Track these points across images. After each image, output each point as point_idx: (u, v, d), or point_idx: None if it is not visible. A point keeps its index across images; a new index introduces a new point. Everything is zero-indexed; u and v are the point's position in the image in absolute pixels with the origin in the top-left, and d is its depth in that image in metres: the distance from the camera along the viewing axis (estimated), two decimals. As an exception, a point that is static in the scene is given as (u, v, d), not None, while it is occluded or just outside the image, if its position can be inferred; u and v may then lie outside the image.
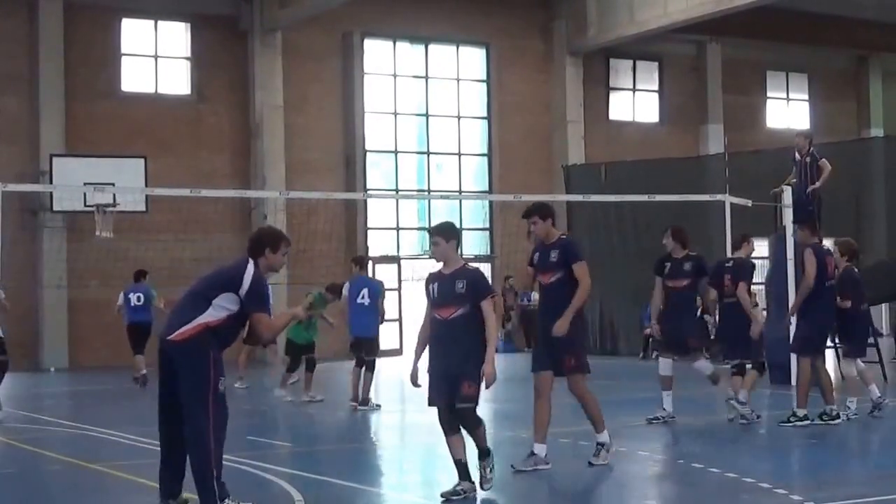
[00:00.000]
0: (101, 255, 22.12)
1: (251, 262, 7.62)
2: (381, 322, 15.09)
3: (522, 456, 9.30)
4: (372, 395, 14.80)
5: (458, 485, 8.11)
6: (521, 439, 11.69)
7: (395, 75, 28.11)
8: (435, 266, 8.45)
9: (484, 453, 8.24)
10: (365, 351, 14.61)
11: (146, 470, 9.87)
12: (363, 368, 14.54)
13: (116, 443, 11.76)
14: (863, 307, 13.00)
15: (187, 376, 7.44)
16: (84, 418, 13.91)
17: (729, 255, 15.20)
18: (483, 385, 8.07)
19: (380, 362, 15.31)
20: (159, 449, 7.70)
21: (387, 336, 22.80)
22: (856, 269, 13.07)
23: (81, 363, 23.51)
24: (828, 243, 19.03)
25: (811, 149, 16.99)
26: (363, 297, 14.60)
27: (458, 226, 10.54)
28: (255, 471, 9.60)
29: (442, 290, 8.20)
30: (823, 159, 16.79)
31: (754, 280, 23.27)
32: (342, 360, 17.03)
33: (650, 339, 24.08)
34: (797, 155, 17.16)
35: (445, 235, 8.33)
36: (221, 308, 7.48)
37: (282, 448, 11.39)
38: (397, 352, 25.61)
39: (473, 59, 29.16)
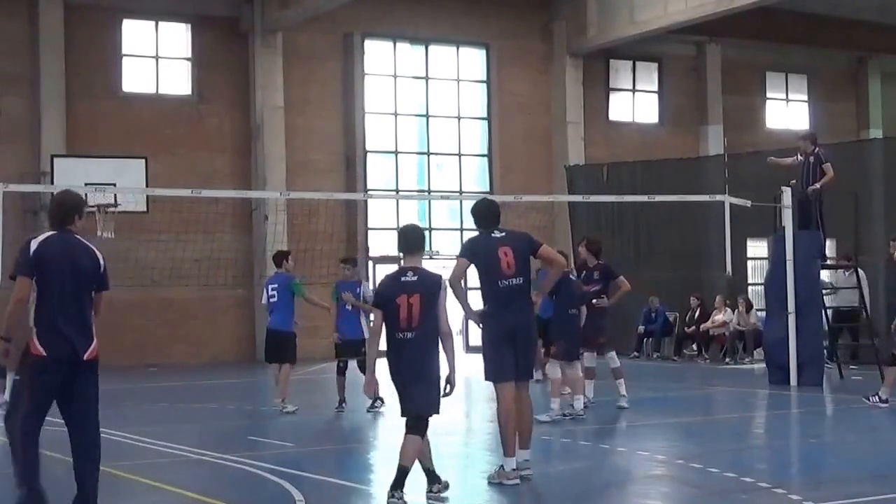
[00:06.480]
0: (102, 255, 22.11)
1: (86, 241, 7.48)
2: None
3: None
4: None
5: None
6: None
7: (395, 76, 28.13)
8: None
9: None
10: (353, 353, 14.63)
11: (148, 470, 9.92)
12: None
13: (118, 443, 11.78)
14: (571, 311, 12.83)
15: (94, 395, 7.35)
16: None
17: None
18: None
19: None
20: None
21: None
22: (572, 274, 13.31)
23: (82, 363, 23.53)
24: (829, 244, 19.21)
25: (816, 149, 16.99)
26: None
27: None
28: (256, 471, 9.63)
29: None
30: (828, 164, 16.77)
31: (753, 280, 23.54)
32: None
33: (642, 338, 24.19)
34: (799, 156, 17.19)
35: None
36: None
37: (282, 448, 11.41)
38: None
39: (473, 60, 29.19)
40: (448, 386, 8.12)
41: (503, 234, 9.07)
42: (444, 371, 8.15)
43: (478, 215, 9.37)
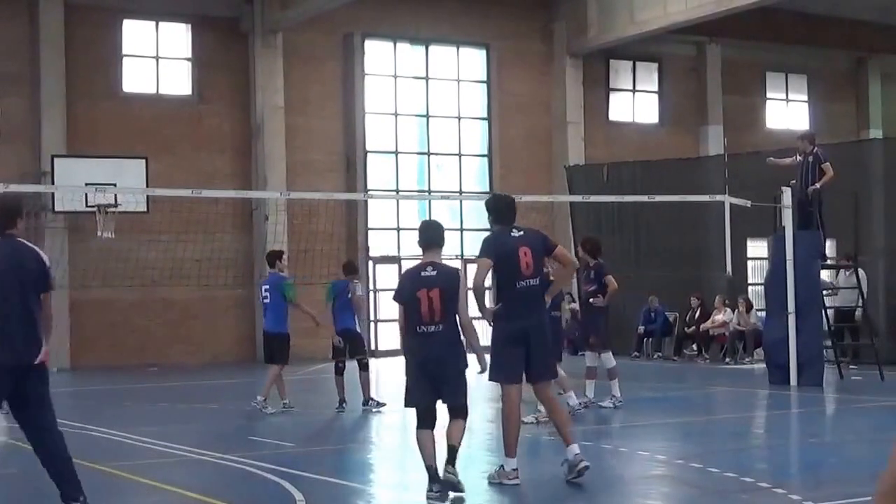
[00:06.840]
0: (103, 255, 22.16)
1: (34, 245, 7.41)
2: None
3: (527, 456, 9.32)
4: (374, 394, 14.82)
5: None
6: (523, 440, 11.73)
7: (395, 76, 28.13)
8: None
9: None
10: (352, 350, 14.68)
11: (149, 470, 9.93)
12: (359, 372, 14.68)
13: (119, 443, 11.80)
14: (552, 314, 12.08)
15: (46, 398, 7.30)
16: (86, 418, 13.91)
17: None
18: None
19: (387, 362, 15.34)
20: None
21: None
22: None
23: (84, 363, 23.54)
24: (829, 244, 19.22)
25: (815, 149, 16.97)
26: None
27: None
28: (257, 471, 9.64)
29: None
30: (827, 163, 16.77)
31: (753, 280, 23.57)
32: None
33: (642, 339, 24.24)
34: (798, 156, 17.18)
35: None
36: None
37: (283, 448, 11.42)
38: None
39: (473, 60, 29.20)
40: (480, 366, 8.40)
41: (521, 232, 8.88)
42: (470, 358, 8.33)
43: (495, 210, 9.10)
